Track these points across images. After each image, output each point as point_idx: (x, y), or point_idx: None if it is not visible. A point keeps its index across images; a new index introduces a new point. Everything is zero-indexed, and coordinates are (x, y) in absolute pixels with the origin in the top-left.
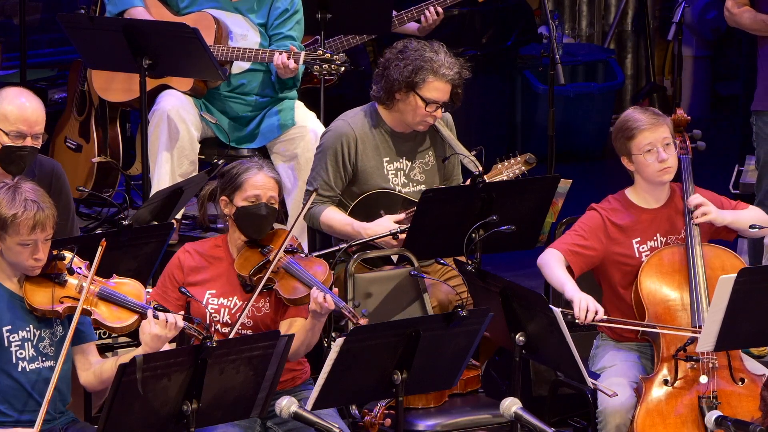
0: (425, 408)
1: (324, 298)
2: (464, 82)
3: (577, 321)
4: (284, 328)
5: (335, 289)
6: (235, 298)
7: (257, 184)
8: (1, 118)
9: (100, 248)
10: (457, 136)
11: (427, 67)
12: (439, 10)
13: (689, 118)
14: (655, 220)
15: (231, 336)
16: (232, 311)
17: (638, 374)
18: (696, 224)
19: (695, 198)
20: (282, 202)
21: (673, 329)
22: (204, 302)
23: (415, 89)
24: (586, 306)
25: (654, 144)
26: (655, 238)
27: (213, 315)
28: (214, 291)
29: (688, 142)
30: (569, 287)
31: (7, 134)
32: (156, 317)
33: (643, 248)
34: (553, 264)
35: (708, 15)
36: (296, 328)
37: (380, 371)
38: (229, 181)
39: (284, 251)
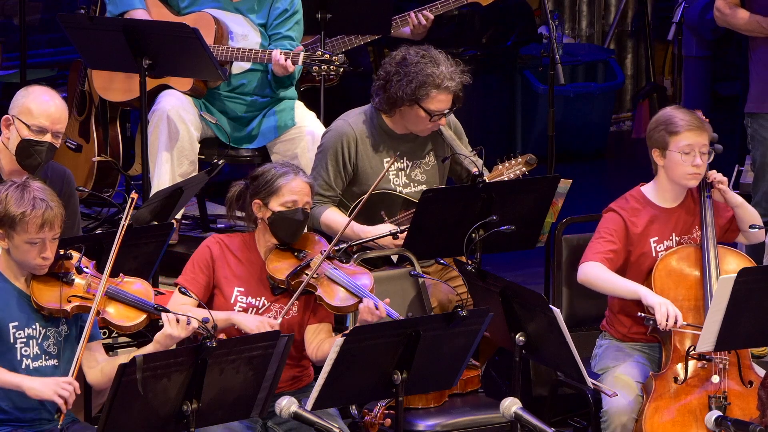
0: (425, 408)
1: (377, 307)
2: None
3: (658, 327)
4: (311, 332)
5: (387, 299)
6: (263, 298)
7: (295, 189)
8: (25, 111)
9: (113, 251)
10: (462, 135)
11: (429, 81)
12: (429, 15)
13: (707, 120)
14: (671, 220)
15: None
16: (260, 311)
17: (643, 374)
18: (710, 196)
19: (714, 173)
20: None
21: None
22: (232, 299)
23: (419, 103)
24: (666, 312)
25: (693, 147)
26: (671, 237)
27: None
28: (242, 289)
29: None
30: (644, 292)
31: (29, 127)
32: (167, 317)
33: (659, 247)
34: (605, 274)
35: (708, 15)
36: (325, 332)
37: (380, 371)
38: (264, 185)
39: (323, 253)
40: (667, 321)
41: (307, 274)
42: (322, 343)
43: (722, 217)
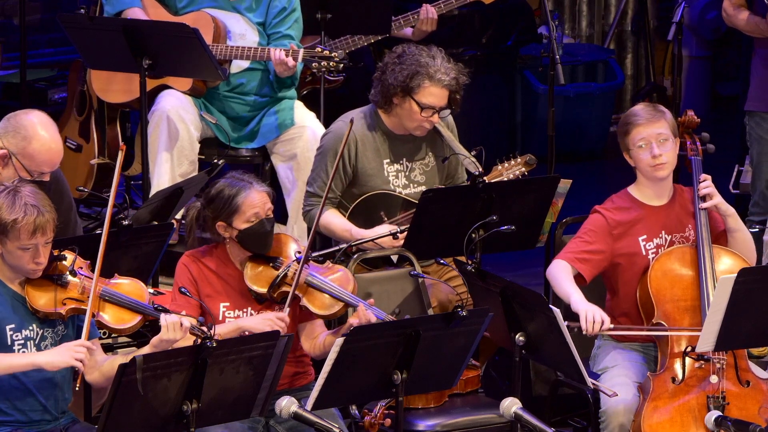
0: (425, 408)
1: (368, 313)
2: (464, 87)
3: (584, 333)
4: (306, 329)
5: (371, 300)
6: (250, 309)
7: (254, 202)
8: (26, 156)
9: (101, 246)
10: (457, 136)
11: (422, 72)
12: (435, 12)
13: (699, 120)
14: (660, 218)
15: None
16: None
17: (641, 374)
18: (701, 209)
19: (706, 184)
20: (282, 202)
21: (680, 330)
22: (220, 316)
23: (410, 94)
24: (592, 318)
25: (647, 139)
26: (660, 235)
27: None
28: (227, 304)
29: (698, 144)
30: (575, 299)
31: (29, 172)
32: (165, 321)
33: (649, 245)
34: (559, 276)
35: (708, 15)
36: (319, 328)
37: (380, 371)
38: (222, 207)
39: (296, 260)
40: (593, 327)
41: (287, 284)
42: (319, 337)
43: (716, 226)
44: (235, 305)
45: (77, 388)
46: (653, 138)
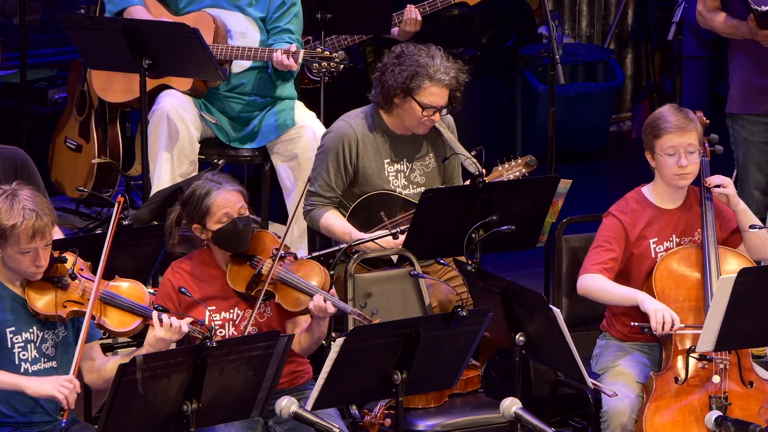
0: (425, 408)
1: (326, 303)
2: (464, 84)
3: (654, 333)
4: (290, 328)
5: (332, 290)
6: (236, 309)
7: (223, 203)
8: None
9: (104, 256)
10: (457, 136)
11: (422, 72)
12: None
13: (708, 121)
14: (671, 221)
15: None
16: (236, 323)
17: (643, 373)
18: (710, 197)
19: (716, 178)
20: (282, 202)
21: None
22: (206, 320)
23: (411, 95)
24: (662, 318)
25: (677, 148)
26: (671, 239)
27: (219, 331)
28: (213, 307)
29: (706, 145)
30: (641, 298)
31: None
32: (161, 321)
33: (659, 249)
34: (605, 284)
35: None
36: (301, 326)
37: (380, 371)
38: (194, 210)
39: (273, 258)
40: (663, 328)
41: (263, 281)
42: (301, 336)
43: (728, 225)
44: (222, 308)
45: (63, 422)
46: (683, 148)
